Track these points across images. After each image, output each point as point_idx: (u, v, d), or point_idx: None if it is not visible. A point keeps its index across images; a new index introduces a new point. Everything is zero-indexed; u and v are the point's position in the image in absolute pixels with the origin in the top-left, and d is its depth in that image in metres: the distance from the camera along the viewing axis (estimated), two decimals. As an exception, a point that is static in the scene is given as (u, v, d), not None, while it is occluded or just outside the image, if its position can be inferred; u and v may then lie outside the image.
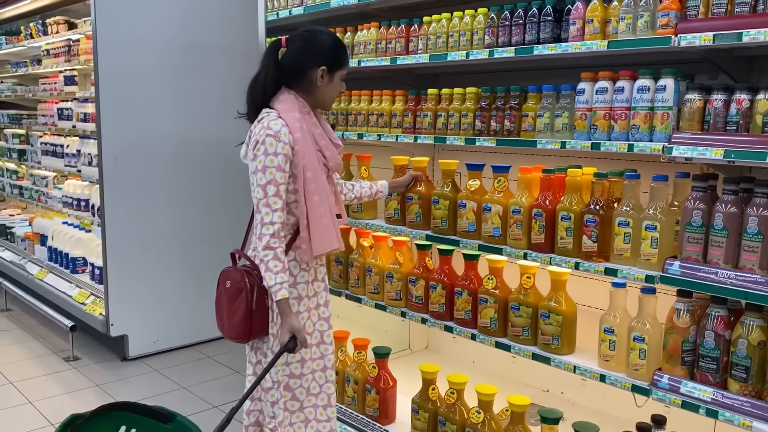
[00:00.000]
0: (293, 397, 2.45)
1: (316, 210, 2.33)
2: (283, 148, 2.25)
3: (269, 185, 2.25)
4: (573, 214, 2.41)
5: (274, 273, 2.25)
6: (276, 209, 2.26)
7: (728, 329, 2.11)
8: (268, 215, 2.26)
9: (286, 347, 2.29)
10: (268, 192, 2.25)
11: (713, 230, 2.09)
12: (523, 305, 2.59)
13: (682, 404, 2.15)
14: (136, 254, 4.56)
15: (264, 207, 2.26)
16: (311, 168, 2.32)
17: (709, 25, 2.04)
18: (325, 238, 2.36)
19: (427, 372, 2.82)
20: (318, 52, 2.36)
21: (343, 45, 2.45)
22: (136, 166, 4.52)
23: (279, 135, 2.26)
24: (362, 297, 3.26)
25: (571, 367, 2.44)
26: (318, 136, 2.39)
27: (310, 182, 2.31)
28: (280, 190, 2.26)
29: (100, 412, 2.18)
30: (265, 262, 2.26)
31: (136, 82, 4.47)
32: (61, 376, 4.35)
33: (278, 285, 2.26)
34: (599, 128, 2.35)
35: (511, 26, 2.60)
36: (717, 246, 2.09)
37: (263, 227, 2.26)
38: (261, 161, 2.25)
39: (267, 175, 2.25)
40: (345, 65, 2.43)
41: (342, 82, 2.45)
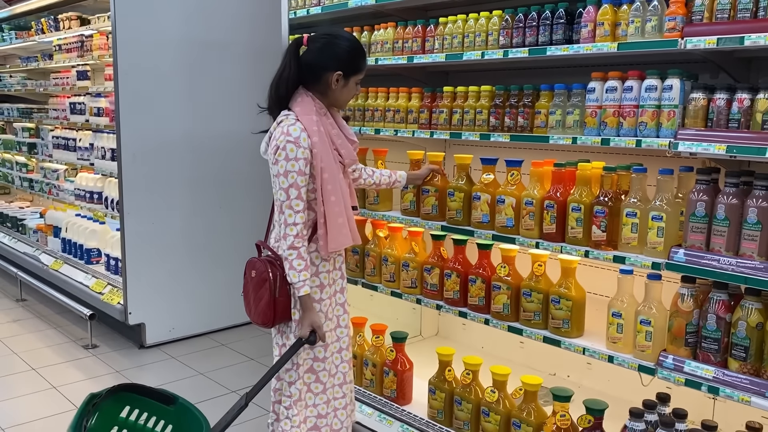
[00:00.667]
0: (317, 379, 2.62)
1: (332, 209, 2.48)
2: (303, 152, 2.40)
3: (291, 188, 2.41)
4: (583, 206, 2.57)
5: (297, 271, 2.43)
6: (298, 211, 2.42)
7: (729, 312, 2.27)
8: (291, 216, 2.42)
9: (308, 340, 2.48)
10: (290, 195, 2.41)
11: (716, 220, 2.25)
12: (535, 291, 2.74)
13: (685, 382, 2.31)
14: (152, 246, 4.69)
15: (287, 209, 2.42)
16: (328, 169, 2.46)
17: (713, 29, 2.19)
18: (339, 236, 2.51)
19: (443, 354, 2.98)
20: (335, 57, 2.46)
21: (361, 51, 2.53)
22: (154, 161, 4.65)
23: (299, 141, 2.40)
24: (378, 285, 3.41)
25: (581, 349, 2.60)
26: (334, 135, 2.52)
27: (327, 183, 2.46)
28: (301, 193, 2.42)
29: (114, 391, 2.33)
30: (289, 261, 2.43)
31: (154, 79, 4.60)
32: (81, 363, 4.50)
33: (301, 282, 2.44)
34: (609, 125, 2.51)
35: (524, 28, 2.75)
36: (719, 235, 2.25)
37: (287, 227, 2.43)
38: (283, 166, 2.40)
39: (289, 179, 2.40)
40: (361, 71, 2.53)
41: (357, 86, 2.56)
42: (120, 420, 2.35)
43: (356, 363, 3.33)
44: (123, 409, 2.36)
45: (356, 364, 3.33)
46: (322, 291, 2.60)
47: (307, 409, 2.62)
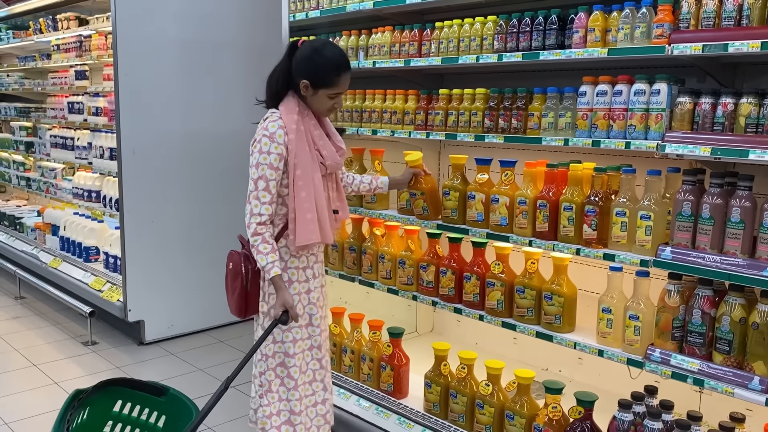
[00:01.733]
0: (289, 375, 2.68)
1: (302, 205, 2.55)
2: (277, 148, 2.49)
3: (260, 180, 2.50)
4: (575, 205, 2.66)
5: (264, 254, 2.51)
6: (264, 202, 2.51)
7: (713, 308, 2.36)
8: (257, 207, 2.51)
9: (280, 320, 2.55)
10: (258, 186, 2.50)
11: (701, 219, 2.35)
12: (528, 288, 2.83)
13: (672, 374, 2.40)
14: (152, 243, 4.76)
15: (254, 199, 2.51)
16: (302, 166, 2.54)
17: (699, 36, 2.29)
18: (306, 231, 2.55)
19: (439, 349, 3.07)
20: (307, 66, 2.53)
21: (336, 68, 2.54)
22: (153, 159, 4.72)
23: (274, 136, 2.50)
24: (375, 282, 3.50)
25: (572, 344, 2.70)
26: (317, 136, 2.59)
27: (299, 179, 2.53)
28: (269, 186, 2.50)
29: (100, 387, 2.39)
30: (255, 246, 2.52)
31: (154, 78, 4.67)
32: (81, 360, 4.56)
33: (270, 264, 2.51)
34: (599, 127, 2.60)
35: (518, 33, 2.84)
36: (704, 233, 2.34)
37: (252, 217, 2.51)
38: (255, 158, 2.51)
39: (259, 171, 2.50)
40: (331, 87, 2.54)
41: (332, 100, 2.58)
42: (113, 414, 2.42)
43: (354, 358, 3.42)
44: (115, 404, 2.43)
45: (354, 359, 3.42)
46: (290, 286, 2.67)
47: (281, 402, 2.69)
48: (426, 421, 3.08)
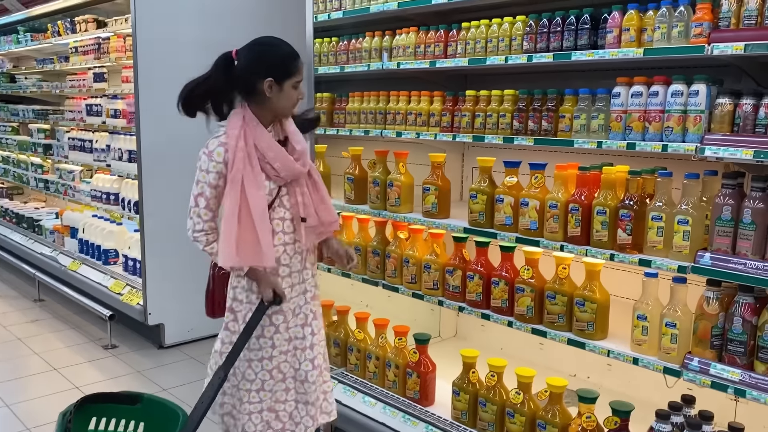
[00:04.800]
0: None
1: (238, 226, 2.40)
2: (215, 166, 2.45)
3: (200, 197, 2.49)
4: (608, 209, 2.59)
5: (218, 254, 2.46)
6: (206, 220, 2.51)
7: (755, 315, 2.29)
8: (198, 224, 2.52)
9: (273, 302, 2.51)
10: (198, 203, 2.50)
11: (742, 224, 2.27)
12: (559, 294, 2.77)
13: (711, 384, 2.33)
14: (171, 247, 4.74)
15: (195, 216, 2.51)
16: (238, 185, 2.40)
17: (741, 35, 2.21)
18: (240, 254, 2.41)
19: (467, 356, 3.01)
20: (264, 65, 2.43)
21: (291, 55, 2.46)
22: (173, 162, 4.68)
23: (212, 154, 2.46)
24: (399, 287, 3.45)
25: (605, 351, 2.63)
26: (264, 149, 2.45)
27: (226, 197, 2.42)
28: (210, 204, 2.49)
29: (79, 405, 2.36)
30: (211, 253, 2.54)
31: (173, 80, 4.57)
32: (101, 363, 4.55)
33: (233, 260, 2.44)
34: (634, 129, 2.53)
35: (549, 33, 2.77)
36: (745, 239, 2.27)
37: (194, 233, 2.53)
38: (196, 174, 2.51)
39: (198, 188, 2.49)
40: (294, 75, 2.45)
41: (296, 90, 2.47)
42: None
43: (378, 364, 3.37)
44: (90, 422, 2.39)
45: (379, 366, 3.37)
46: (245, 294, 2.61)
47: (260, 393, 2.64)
48: (454, 430, 3.02)
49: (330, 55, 3.80)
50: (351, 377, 3.52)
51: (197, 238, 2.53)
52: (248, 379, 2.65)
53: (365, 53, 3.58)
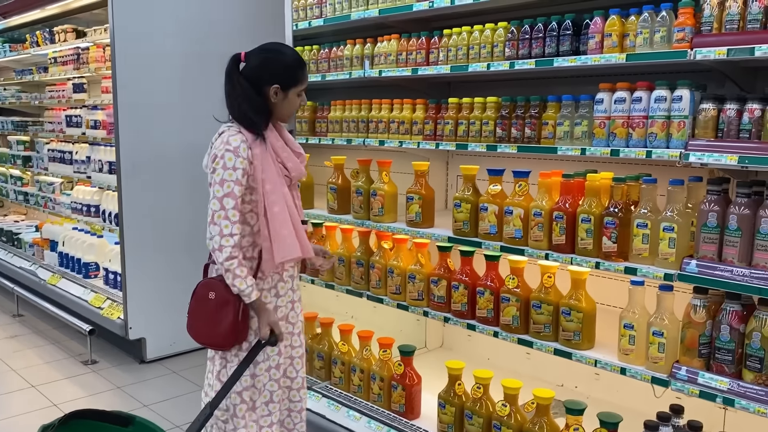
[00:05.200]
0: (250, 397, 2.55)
1: (277, 220, 2.41)
2: (242, 162, 2.36)
3: (227, 198, 2.35)
4: (593, 217, 2.56)
5: (243, 278, 2.36)
6: (235, 222, 2.36)
7: (742, 323, 2.26)
8: (227, 227, 2.35)
9: (269, 341, 2.43)
10: (226, 205, 2.35)
11: (728, 231, 2.25)
12: (545, 303, 2.73)
13: (699, 394, 2.29)
14: (152, 259, 4.65)
15: (224, 220, 2.35)
16: (270, 180, 2.41)
17: (723, 39, 2.19)
18: (285, 247, 2.42)
19: (453, 368, 2.95)
20: (271, 71, 2.42)
21: (298, 63, 2.47)
22: (154, 173, 4.62)
23: (238, 150, 2.36)
24: (384, 297, 3.39)
25: (592, 361, 2.59)
26: (279, 148, 2.47)
27: (270, 194, 2.40)
28: (238, 204, 2.36)
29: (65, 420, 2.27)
30: (231, 270, 2.35)
31: (153, 90, 4.57)
32: (81, 379, 4.44)
33: (250, 288, 2.37)
34: (618, 136, 2.50)
35: (531, 39, 2.74)
36: (731, 245, 2.24)
37: (223, 239, 2.35)
38: (219, 174, 2.36)
39: (225, 189, 2.35)
40: (300, 83, 2.47)
41: (299, 97, 2.50)
42: None
43: (363, 377, 3.30)
44: None
45: (363, 378, 3.31)
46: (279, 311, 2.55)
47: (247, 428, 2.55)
48: (440, 443, 2.97)
49: (311, 63, 3.75)
50: (335, 391, 3.45)
51: (223, 245, 2.34)
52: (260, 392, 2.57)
53: (347, 61, 3.54)
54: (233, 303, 2.40)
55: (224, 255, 2.35)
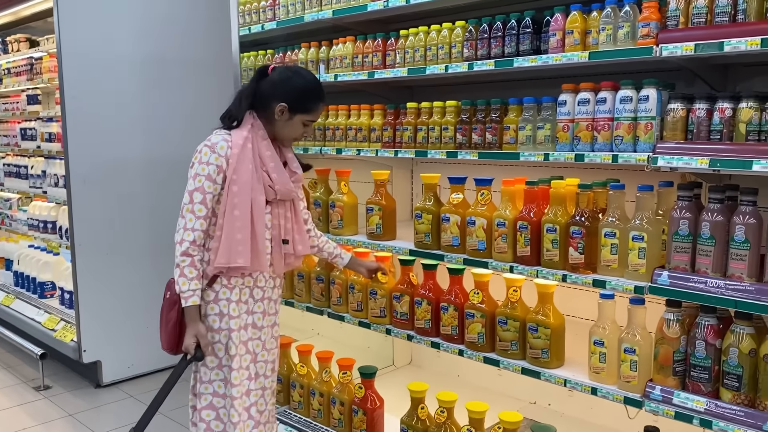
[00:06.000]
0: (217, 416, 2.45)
1: (233, 223, 2.32)
2: (217, 159, 2.30)
3: (196, 192, 2.30)
4: (558, 226, 2.39)
5: (188, 279, 2.30)
6: (200, 216, 2.30)
7: (718, 338, 2.10)
8: (191, 221, 2.30)
9: (195, 357, 2.32)
10: (194, 199, 2.30)
11: (700, 239, 2.09)
12: (511, 319, 2.56)
13: (675, 415, 2.13)
14: (107, 277, 4.42)
15: (188, 213, 2.30)
16: (240, 183, 2.32)
17: (690, 35, 2.04)
18: (231, 252, 2.31)
19: (415, 391, 2.77)
20: (286, 89, 2.37)
21: (315, 93, 2.41)
22: (107, 187, 4.39)
23: (215, 147, 2.32)
24: (345, 315, 3.20)
25: (562, 381, 2.42)
26: (267, 157, 2.39)
27: (235, 196, 2.31)
28: (206, 199, 2.30)
29: None
30: (181, 267, 2.30)
31: (105, 100, 4.35)
32: (32, 407, 4.19)
33: (191, 291, 2.30)
34: (582, 139, 2.34)
35: (489, 39, 2.58)
36: (705, 255, 2.09)
37: (185, 232, 2.30)
38: (195, 168, 2.32)
39: (195, 183, 2.30)
40: (310, 112, 2.41)
41: (305, 127, 2.44)
42: None
43: (323, 401, 3.10)
44: None
45: (323, 403, 3.10)
46: (221, 320, 2.40)
47: None
48: (404, 471, 2.77)
49: (266, 69, 3.56)
50: (294, 416, 3.24)
51: (184, 239, 2.29)
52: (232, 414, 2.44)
53: (301, 65, 3.35)
54: (179, 305, 2.34)
55: (181, 249, 2.30)
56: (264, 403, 2.52)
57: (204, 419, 2.45)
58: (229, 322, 2.38)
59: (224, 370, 2.41)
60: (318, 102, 2.42)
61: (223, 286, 2.39)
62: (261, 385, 2.50)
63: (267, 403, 2.54)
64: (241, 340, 2.41)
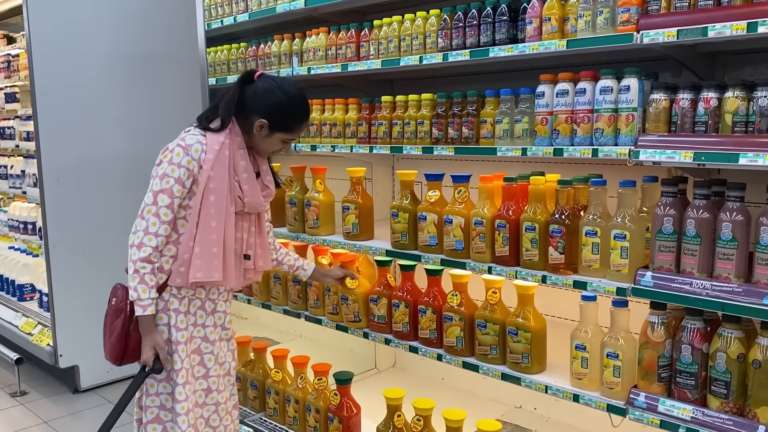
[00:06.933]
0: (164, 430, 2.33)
1: (209, 236, 2.19)
2: (189, 162, 2.16)
3: (162, 194, 2.15)
4: (537, 225, 2.27)
5: (149, 287, 2.16)
6: (164, 221, 2.16)
7: (705, 342, 1.98)
8: (155, 225, 2.15)
9: (153, 369, 2.21)
10: (159, 201, 2.15)
11: (685, 237, 1.97)
12: (490, 322, 2.44)
13: (660, 424, 2.02)
14: (84, 279, 4.29)
15: (152, 216, 2.15)
16: (217, 193, 2.19)
17: (672, 20, 1.92)
18: (208, 266, 2.19)
19: (391, 398, 2.64)
20: (267, 104, 2.21)
21: (298, 112, 2.25)
22: (82, 186, 4.26)
23: (189, 149, 2.17)
24: (322, 318, 3.08)
25: (543, 387, 2.30)
26: (240, 167, 2.25)
27: (211, 207, 2.19)
28: (173, 204, 2.17)
29: None
30: (141, 275, 2.15)
31: (78, 97, 4.22)
32: (6, 414, 4.07)
33: (150, 299, 2.16)
34: (561, 133, 2.22)
35: (464, 27, 2.45)
36: (690, 254, 1.97)
37: (146, 236, 2.15)
38: (163, 168, 2.17)
39: (163, 183, 2.15)
40: (290, 131, 2.26)
41: (284, 144, 2.29)
42: None
43: (298, 408, 2.98)
44: None
45: (299, 410, 2.98)
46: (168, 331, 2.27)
47: None
48: (381, 481, 2.66)
49: (239, 62, 3.44)
50: (269, 423, 3.12)
51: (144, 244, 2.14)
52: None
53: (274, 58, 3.22)
54: (126, 312, 2.22)
55: (141, 254, 2.15)
56: (218, 419, 2.39)
57: None
58: (176, 334, 2.25)
59: (171, 383, 2.28)
60: (300, 122, 2.27)
61: (172, 296, 2.26)
62: (214, 401, 2.37)
63: (221, 419, 2.40)
64: (187, 353, 2.28)
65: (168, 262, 2.23)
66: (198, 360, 2.32)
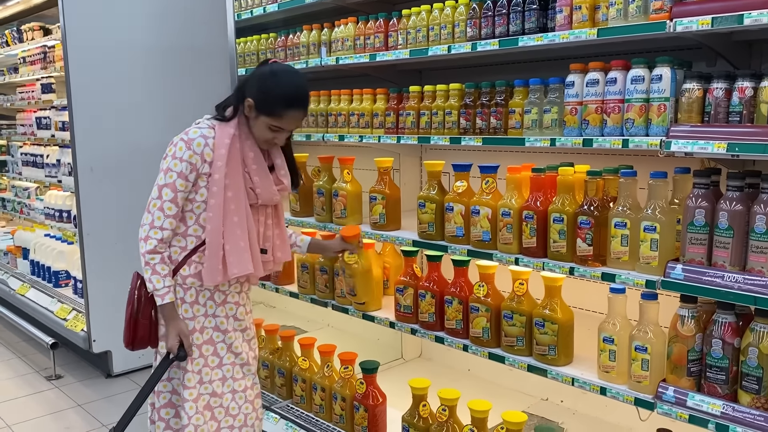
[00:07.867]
0: (212, 417, 2.35)
1: (234, 231, 2.22)
2: (191, 156, 2.19)
3: (166, 188, 2.19)
4: (566, 216, 2.25)
5: (162, 276, 2.21)
6: (169, 215, 2.20)
7: (737, 336, 1.95)
8: (160, 219, 2.20)
9: (178, 356, 2.24)
10: (163, 195, 2.19)
11: (717, 230, 1.93)
12: (517, 313, 2.43)
13: (689, 419, 1.99)
14: (117, 267, 4.37)
15: (158, 210, 2.20)
16: (234, 188, 2.22)
17: (706, 7, 1.87)
18: (241, 260, 2.24)
19: (416, 388, 2.65)
20: (258, 85, 2.22)
21: (284, 100, 2.19)
22: (115, 175, 4.34)
23: (191, 143, 2.20)
24: (349, 307, 3.10)
25: (569, 380, 2.29)
26: (249, 159, 2.27)
27: (231, 202, 2.22)
28: (177, 198, 2.20)
29: None
30: (152, 266, 2.21)
31: (111, 88, 4.29)
32: (42, 396, 4.19)
33: (166, 288, 2.22)
34: (591, 123, 2.19)
35: (494, 16, 2.43)
36: (722, 247, 1.93)
37: (152, 230, 2.20)
38: (167, 162, 2.21)
39: (167, 178, 2.19)
40: (273, 117, 2.20)
41: (270, 131, 2.23)
42: None
43: (325, 396, 3.01)
44: None
45: (325, 398, 3.01)
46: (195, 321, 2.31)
47: None
48: (405, 470, 2.67)
49: (268, 52, 3.46)
50: (296, 411, 3.16)
51: (150, 237, 2.19)
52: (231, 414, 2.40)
53: (303, 48, 3.24)
54: (134, 300, 2.29)
55: (148, 247, 2.21)
56: (237, 408, 2.41)
57: (163, 417, 2.39)
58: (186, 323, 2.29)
59: (182, 369, 2.33)
60: (284, 108, 2.19)
61: (178, 286, 2.29)
62: (230, 389, 2.39)
63: (240, 407, 2.42)
64: (202, 341, 2.32)
65: (176, 252, 2.27)
66: (212, 350, 2.35)
